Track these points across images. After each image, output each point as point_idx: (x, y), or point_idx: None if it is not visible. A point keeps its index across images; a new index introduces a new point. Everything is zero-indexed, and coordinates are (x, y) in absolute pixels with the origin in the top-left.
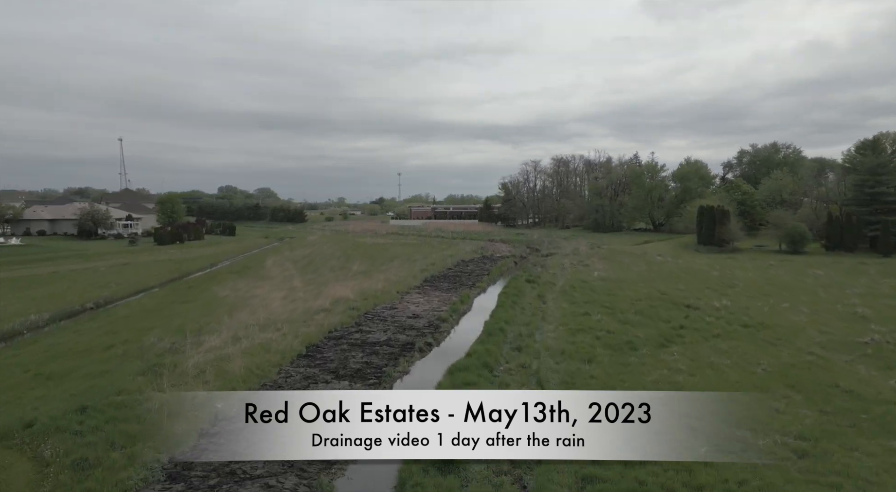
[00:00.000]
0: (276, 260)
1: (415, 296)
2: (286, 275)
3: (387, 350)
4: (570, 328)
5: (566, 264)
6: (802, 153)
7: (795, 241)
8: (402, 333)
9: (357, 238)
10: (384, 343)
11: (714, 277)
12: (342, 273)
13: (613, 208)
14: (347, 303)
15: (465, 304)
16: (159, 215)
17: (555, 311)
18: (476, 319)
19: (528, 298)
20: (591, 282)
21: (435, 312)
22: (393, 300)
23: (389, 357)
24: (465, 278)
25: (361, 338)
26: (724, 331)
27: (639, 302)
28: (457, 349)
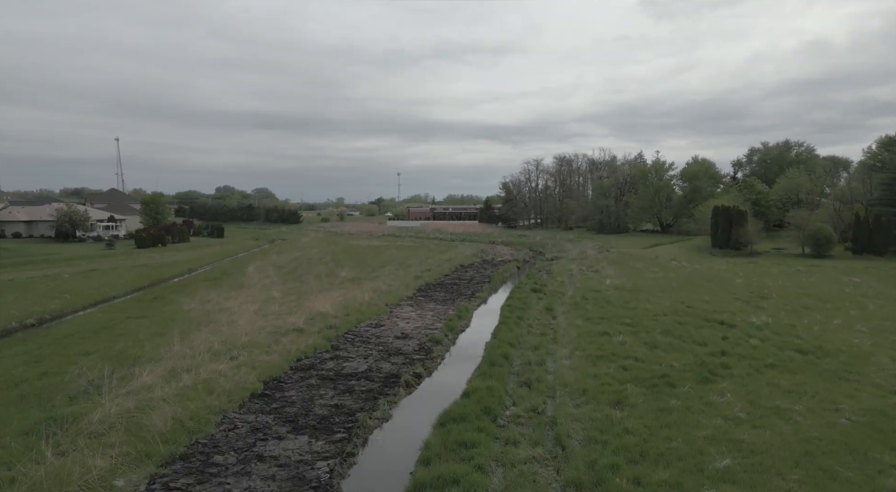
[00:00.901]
0: (259, 265)
1: (406, 309)
2: (266, 283)
3: (365, 386)
4: (588, 354)
5: (574, 270)
6: (815, 151)
7: (820, 244)
8: (386, 360)
9: (351, 240)
10: (363, 375)
11: (740, 286)
12: (328, 281)
13: (619, 209)
14: (326, 320)
15: (463, 319)
16: (143, 216)
17: (567, 328)
18: (476, 340)
19: (535, 312)
20: (604, 291)
21: (428, 330)
22: (380, 315)
23: (367, 396)
24: (464, 287)
25: (336, 368)
26: (777, 359)
27: (663, 318)
28: (452, 384)
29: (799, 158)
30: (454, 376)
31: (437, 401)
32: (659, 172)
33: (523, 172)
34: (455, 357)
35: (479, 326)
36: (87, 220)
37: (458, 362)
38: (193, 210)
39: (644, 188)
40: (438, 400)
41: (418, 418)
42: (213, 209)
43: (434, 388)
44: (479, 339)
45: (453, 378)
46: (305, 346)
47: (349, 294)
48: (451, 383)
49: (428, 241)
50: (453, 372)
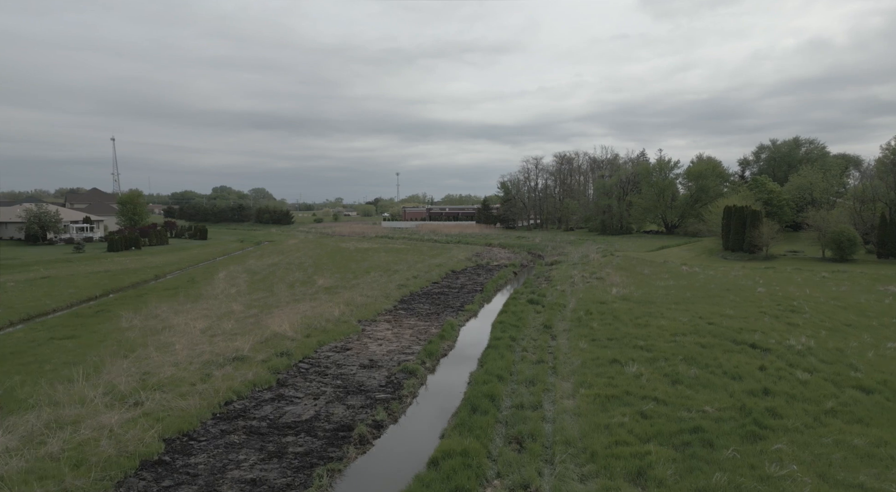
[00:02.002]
0: (231, 272)
1: (382, 326)
2: (231, 293)
3: (303, 444)
4: (596, 393)
5: (576, 277)
6: (826, 149)
7: (843, 247)
8: (342, 402)
9: (340, 242)
10: (305, 426)
11: (764, 297)
12: (302, 290)
13: (622, 209)
14: (280, 343)
15: (446, 339)
16: (119, 217)
17: (570, 354)
18: (459, 368)
19: (532, 331)
20: (610, 303)
21: (402, 355)
22: (349, 335)
23: (302, 464)
24: (453, 297)
25: (273, 414)
26: (837, 402)
27: (682, 339)
28: (420, 438)
29: (809, 156)
30: (426, 423)
31: (396, 468)
32: (663, 170)
33: (522, 171)
34: (431, 394)
35: (465, 348)
36: (58, 221)
37: (434, 402)
38: (183, 211)
39: (648, 187)
40: (398, 467)
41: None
42: (204, 210)
43: (396, 444)
44: (463, 366)
45: (424, 427)
46: (242, 382)
47: (319, 308)
48: (419, 435)
49: (421, 243)
50: (425, 418)
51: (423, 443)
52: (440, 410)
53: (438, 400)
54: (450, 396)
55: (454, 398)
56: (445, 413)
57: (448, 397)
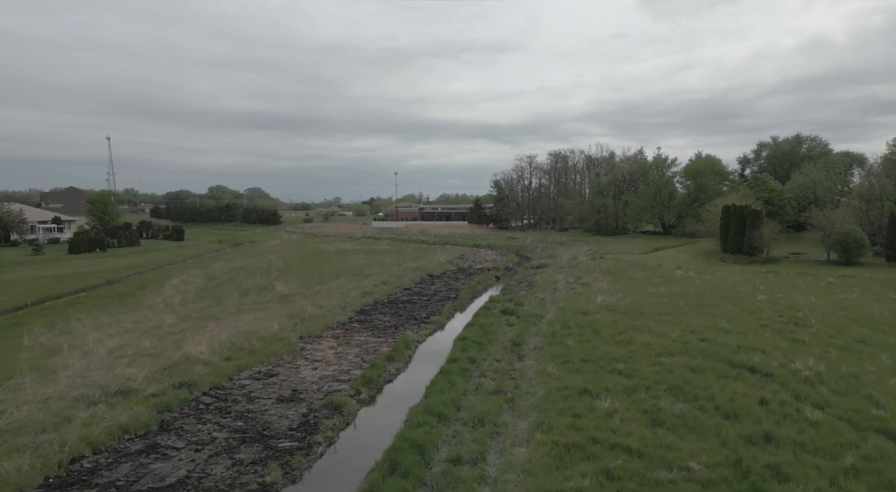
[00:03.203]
0: (188, 277)
1: (325, 344)
2: (175, 301)
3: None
4: (554, 440)
5: (560, 283)
6: (829, 146)
7: (850, 249)
8: (231, 454)
9: (322, 243)
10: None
11: (765, 306)
12: (255, 298)
13: (617, 208)
14: (187, 370)
15: (396, 361)
16: (88, 217)
17: (534, 381)
18: (399, 404)
19: (498, 349)
20: (592, 314)
21: (336, 382)
22: (281, 356)
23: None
24: (421, 306)
25: (129, 476)
26: (858, 455)
27: (669, 360)
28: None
29: (811, 154)
30: (331, 489)
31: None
32: (660, 168)
33: (516, 170)
34: (353, 439)
35: (416, 372)
36: (22, 221)
37: (353, 453)
38: (170, 210)
39: (644, 186)
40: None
41: None
42: (191, 209)
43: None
44: (407, 397)
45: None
46: (108, 427)
47: (260, 321)
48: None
49: (406, 244)
50: (333, 479)
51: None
52: (357, 465)
53: (359, 450)
54: (376, 442)
55: (382, 445)
56: (362, 470)
57: (374, 445)
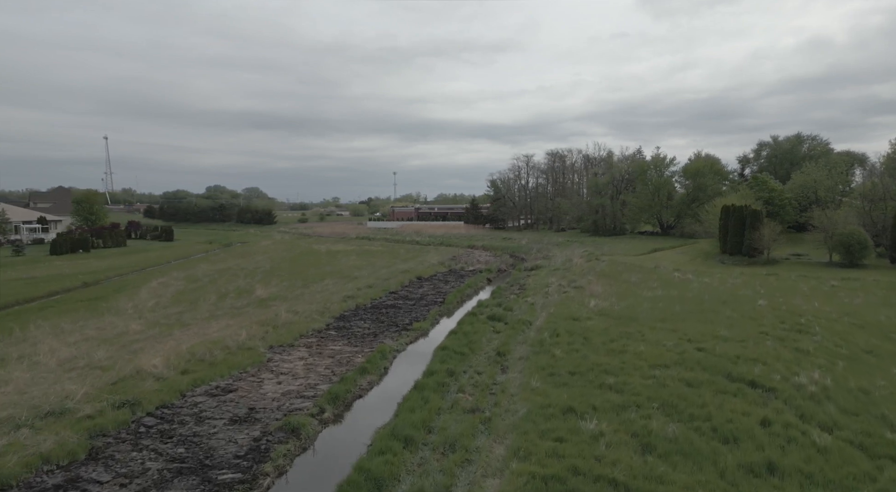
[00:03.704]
0: (169, 279)
1: (295, 354)
2: (146, 307)
3: None
4: (532, 473)
5: (553, 286)
6: (830, 145)
7: (853, 250)
8: (161, 489)
9: (314, 244)
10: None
11: (766, 312)
12: (232, 303)
13: (615, 208)
14: (134, 386)
15: (368, 374)
16: (74, 217)
17: (516, 396)
18: (366, 424)
19: (481, 360)
20: (584, 320)
21: (299, 399)
22: (245, 368)
23: None
24: (405, 311)
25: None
26: (875, 489)
27: (664, 373)
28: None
29: (812, 153)
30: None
31: None
32: (659, 167)
33: (513, 169)
34: (304, 471)
35: (391, 386)
36: (4, 222)
37: (301, 489)
38: (164, 210)
39: (643, 186)
40: None
41: None
42: (184, 209)
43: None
44: (376, 415)
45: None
46: (29, 455)
47: (229, 329)
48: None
49: (399, 245)
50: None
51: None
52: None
53: (313, 482)
54: (333, 472)
55: (339, 475)
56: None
57: (330, 475)
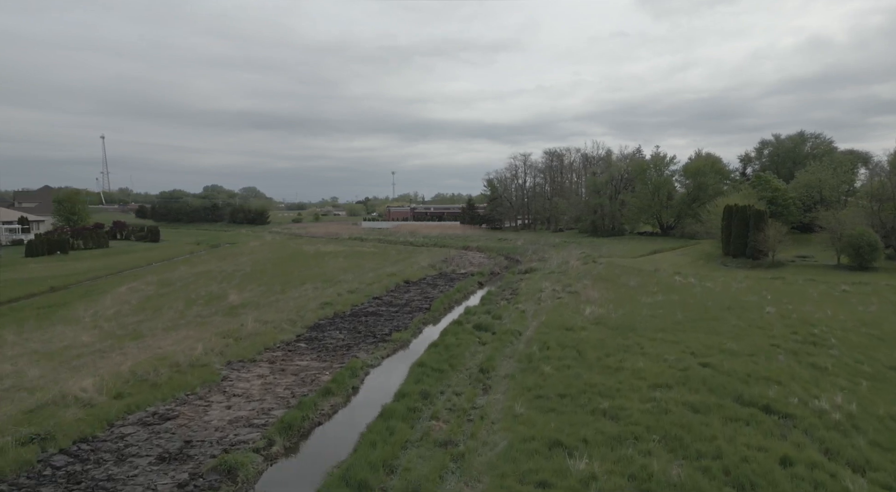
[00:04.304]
0: (139, 284)
1: (256, 371)
2: (106, 315)
3: None
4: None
5: (546, 291)
6: (833, 144)
7: (862, 252)
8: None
9: (304, 245)
10: None
11: (774, 320)
12: (199, 310)
13: (614, 208)
14: (52, 416)
15: (333, 395)
16: (55, 217)
17: (496, 427)
18: (319, 460)
19: (462, 378)
20: (578, 330)
21: (248, 428)
22: (194, 389)
23: None
24: (385, 320)
25: None
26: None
27: (665, 394)
28: None
29: (815, 152)
30: None
31: None
32: (659, 167)
33: (510, 169)
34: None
35: (357, 410)
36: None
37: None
38: (156, 210)
39: (642, 185)
40: None
41: None
42: (176, 209)
43: None
44: (330, 451)
45: None
46: None
47: (186, 342)
48: None
49: (391, 246)
50: None
51: None
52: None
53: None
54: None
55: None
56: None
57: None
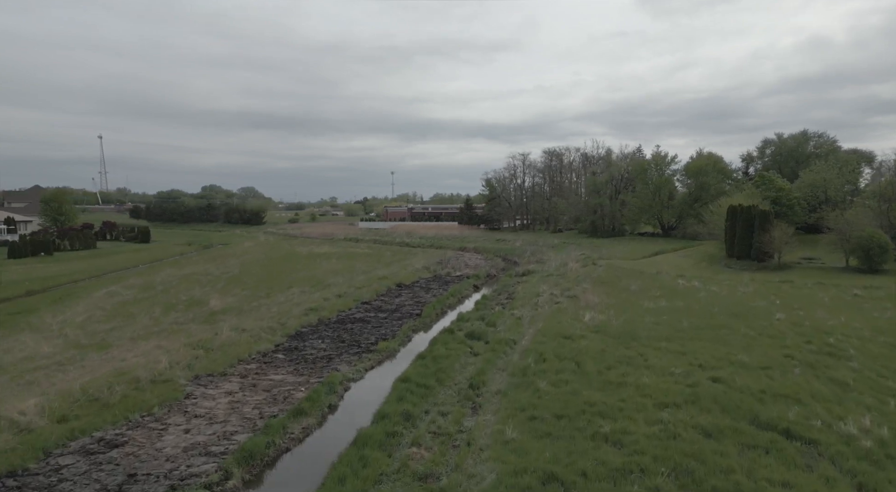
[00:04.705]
0: (119, 288)
1: (226, 386)
2: (76, 322)
3: None
4: None
5: (544, 295)
6: (837, 143)
7: (872, 254)
8: None
9: (297, 246)
10: None
11: (786, 328)
12: (175, 316)
13: (614, 208)
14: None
15: (306, 416)
16: (41, 217)
17: (485, 455)
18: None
19: (449, 395)
20: (577, 339)
21: (203, 457)
22: (151, 408)
23: None
24: (372, 328)
25: None
26: None
27: (674, 415)
28: None
29: (818, 151)
30: None
31: None
32: (660, 166)
33: (508, 168)
34: None
35: (329, 436)
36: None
37: None
38: (150, 210)
39: (643, 185)
40: None
41: None
42: (171, 210)
43: None
44: (294, 484)
45: None
46: None
47: (153, 354)
48: None
49: (386, 247)
50: None
51: None
52: None
53: None
54: None
55: None
56: None
57: None
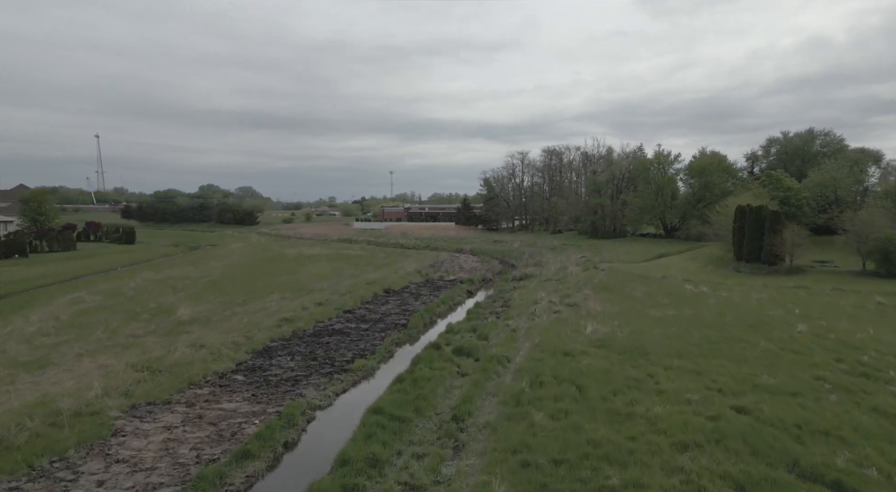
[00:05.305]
0: (84, 294)
1: (166, 418)
2: (25, 334)
3: None
4: None
5: (542, 302)
6: (844, 141)
7: (892, 258)
8: None
9: (287, 247)
10: None
11: (811, 342)
12: (143, 326)
13: (615, 209)
14: None
15: (254, 459)
16: (20, 217)
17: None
18: None
19: (428, 429)
20: (578, 356)
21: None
22: (65, 450)
23: None
24: (352, 340)
25: None
26: None
27: (695, 461)
28: None
29: (825, 150)
30: None
31: None
32: (662, 165)
33: (507, 167)
34: None
35: (276, 486)
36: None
37: None
38: (142, 210)
39: (645, 184)
40: None
41: None
42: (163, 209)
43: None
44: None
45: None
46: None
47: (89, 376)
48: None
49: (380, 248)
50: None
51: None
52: None
53: None
54: None
55: None
56: None
57: None
